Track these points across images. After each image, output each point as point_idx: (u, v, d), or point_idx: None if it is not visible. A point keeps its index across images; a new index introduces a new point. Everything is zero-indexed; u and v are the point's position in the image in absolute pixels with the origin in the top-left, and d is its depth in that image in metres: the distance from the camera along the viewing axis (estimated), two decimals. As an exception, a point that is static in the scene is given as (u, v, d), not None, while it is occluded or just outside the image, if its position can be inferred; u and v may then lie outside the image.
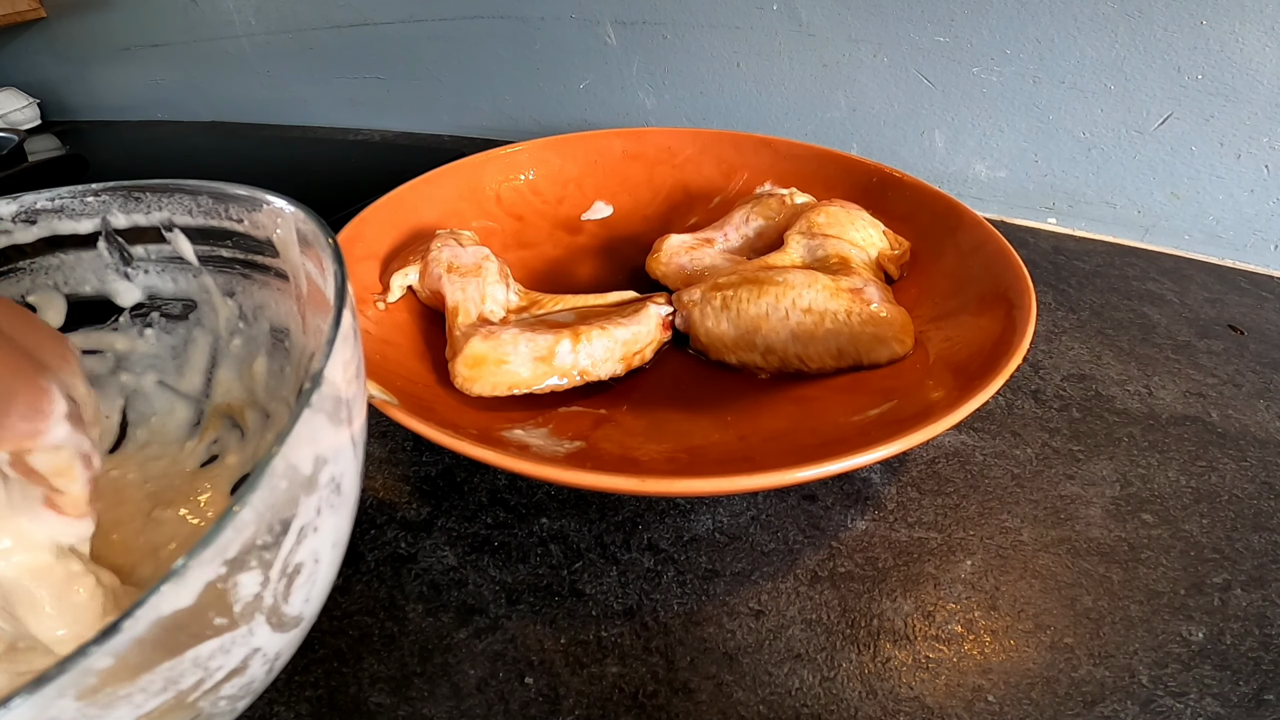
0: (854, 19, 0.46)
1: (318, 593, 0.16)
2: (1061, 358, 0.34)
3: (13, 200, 0.23)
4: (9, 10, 0.74)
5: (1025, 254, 0.31)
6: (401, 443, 0.30)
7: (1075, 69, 0.42)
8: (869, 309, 0.28)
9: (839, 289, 0.29)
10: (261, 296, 0.24)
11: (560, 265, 0.39)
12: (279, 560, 0.13)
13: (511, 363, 0.27)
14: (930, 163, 0.49)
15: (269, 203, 0.21)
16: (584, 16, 0.55)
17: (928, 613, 0.22)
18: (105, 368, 0.26)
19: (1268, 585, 0.23)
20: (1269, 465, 0.28)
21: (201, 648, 0.12)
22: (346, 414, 0.16)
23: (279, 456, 0.13)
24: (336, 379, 0.15)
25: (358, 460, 0.17)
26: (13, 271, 0.23)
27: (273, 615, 0.14)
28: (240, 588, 0.13)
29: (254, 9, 0.67)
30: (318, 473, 0.14)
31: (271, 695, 0.21)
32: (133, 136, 0.76)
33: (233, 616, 0.13)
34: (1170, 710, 0.20)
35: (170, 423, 0.26)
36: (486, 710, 0.20)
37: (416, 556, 0.25)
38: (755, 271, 0.30)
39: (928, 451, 0.28)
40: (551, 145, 0.43)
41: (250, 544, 0.12)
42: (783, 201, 0.36)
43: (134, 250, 0.24)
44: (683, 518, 0.26)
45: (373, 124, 0.70)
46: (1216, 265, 0.42)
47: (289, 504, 0.14)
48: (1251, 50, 0.37)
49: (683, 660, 0.21)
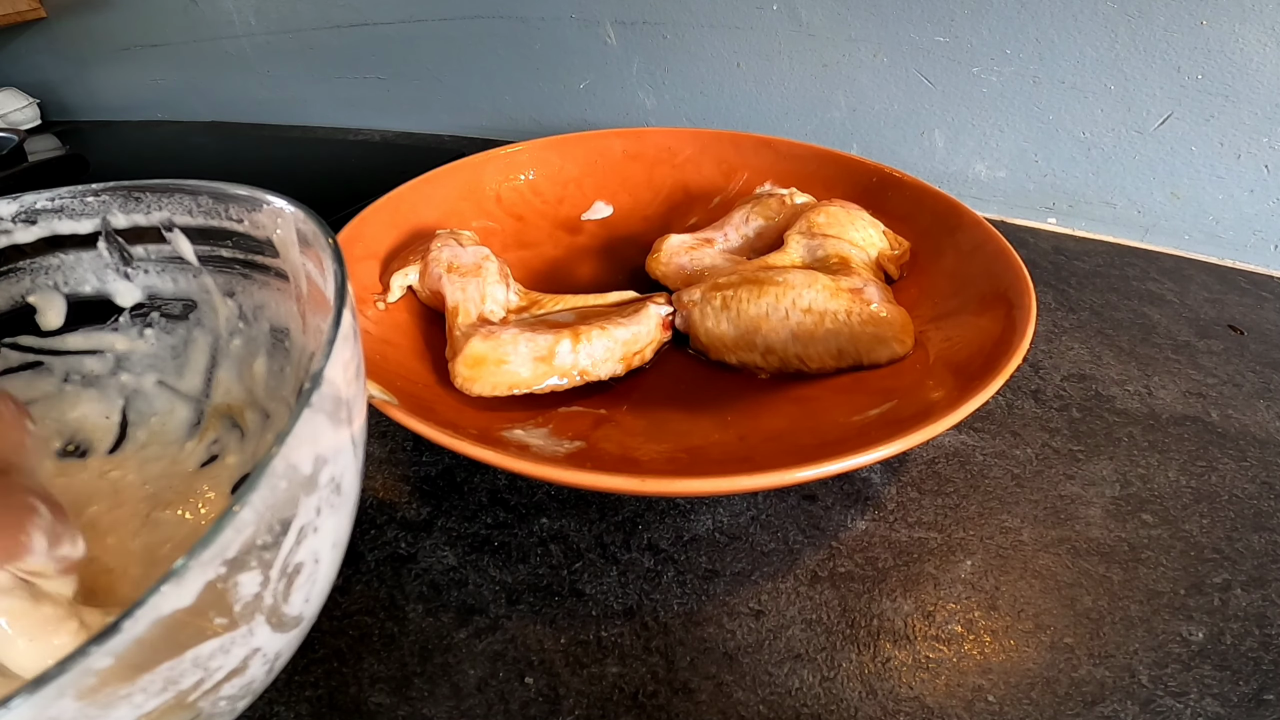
0: (854, 19, 0.46)
1: (318, 593, 0.16)
2: (1061, 358, 0.34)
3: (13, 200, 0.23)
4: (9, 10, 0.74)
5: (1025, 254, 0.31)
6: (401, 443, 0.30)
7: (1075, 69, 0.42)
8: (869, 309, 0.28)
9: (839, 289, 0.29)
10: (261, 296, 0.24)
11: (560, 265, 0.39)
12: (279, 560, 0.13)
13: (511, 363, 0.27)
14: (930, 163, 0.49)
15: (269, 203, 0.21)
16: (584, 16, 0.55)
17: (928, 613, 0.22)
18: (105, 368, 0.26)
19: (1268, 585, 0.23)
20: (1269, 465, 0.28)
21: (201, 648, 0.12)
22: (346, 414, 0.16)
23: (279, 456, 0.13)
24: (336, 379, 0.15)
25: (358, 460, 0.17)
26: (13, 271, 0.23)
27: (273, 615, 0.14)
28: (240, 588, 0.13)
29: (254, 9, 0.67)
30: (318, 473, 0.14)
31: (271, 695, 0.21)
32: (133, 136, 0.76)
33: (233, 616, 0.13)
34: (1170, 710, 0.20)
35: (170, 423, 0.26)
36: (486, 710, 0.20)
37: (416, 556, 0.25)
38: (755, 271, 0.30)
39: (928, 451, 0.28)
40: (551, 145, 0.43)
41: (250, 544, 0.12)
42: (783, 201, 0.36)
43: (134, 250, 0.24)
44: (683, 518, 0.26)
45: (373, 124, 0.70)
46: (1216, 265, 0.42)
47: (289, 504, 0.14)
48: (1251, 50, 0.37)
49: (683, 660, 0.21)
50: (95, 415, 0.25)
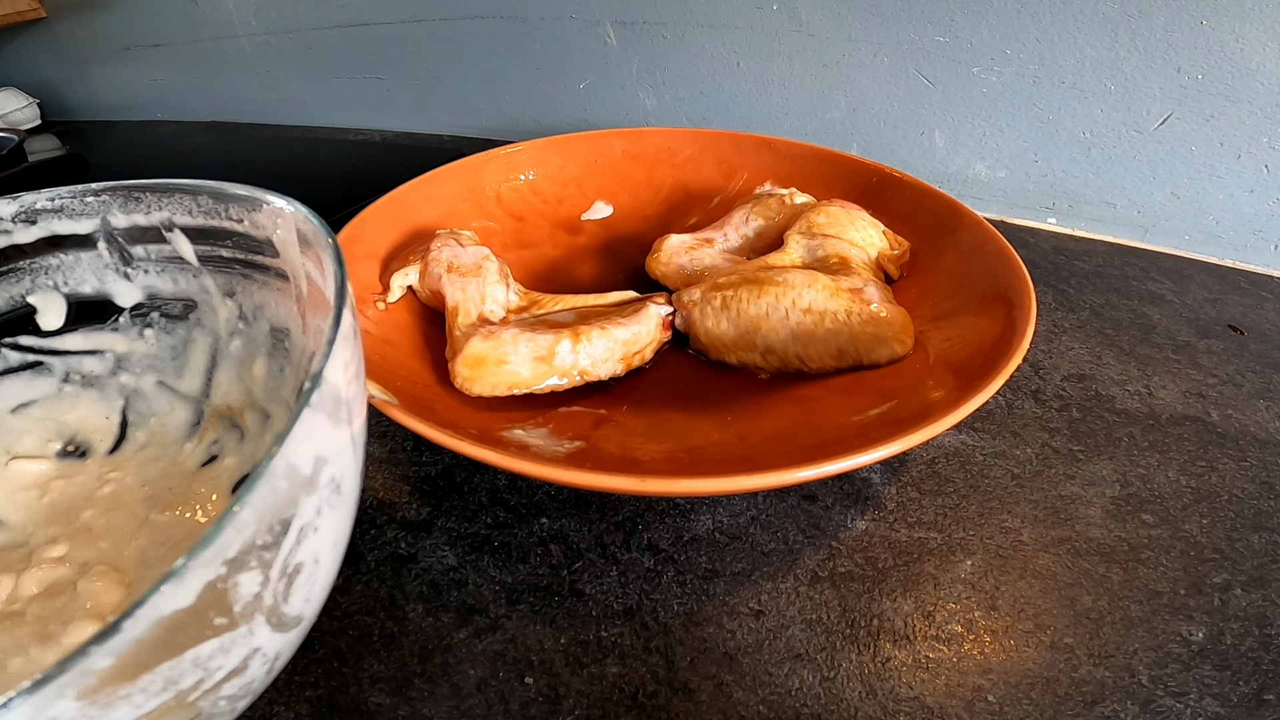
0: (854, 19, 0.46)
1: (318, 593, 0.16)
2: (1061, 358, 0.34)
3: (13, 200, 0.23)
4: (9, 10, 0.74)
5: (1025, 254, 0.31)
6: (401, 443, 0.30)
7: (1075, 69, 0.42)
8: (869, 309, 0.28)
9: (839, 289, 0.29)
10: (261, 297, 0.24)
11: (560, 265, 0.39)
12: (279, 560, 0.13)
13: (512, 363, 0.27)
14: (930, 163, 0.49)
15: (269, 203, 0.21)
16: (584, 16, 0.55)
17: (928, 613, 0.22)
18: (105, 368, 0.26)
19: (1268, 585, 0.23)
20: (1269, 465, 0.28)
21: (201, 648, 0.12)
22: (346, 414, 0.16)
23: (279, 456, 0.13)
24: (337, 379, 0.15)
25: (358, 460, 0.17)
26: (13, 271, 0.23)
27: (273, 615, 0.14)
28: (240, 588, 0.13)
29: (254, 9, 0.67)
30: (318, 473, 0.14)
31: (271, 695, 0.21)
32: (133, 136, 0.76)
33: (233, 616, 0.13)
34: (1170, 710, 0.20)
35: (170, 424, 0.26)
36: (486, 710, 0.20)
37: (416, 556, 0.25)
38: (755, 271, 0.30)
39: (928, 451, 0.28)
40: (551, 145, 0.43)
41: (250, 544, 0.12)
42: (782, 201, 0.36)
43: (134, 250, 0.24)
44: (683, 518, 0.26)
45: (373, 124, 0.70)
46: (1216, 265, 0.42)
47: (289, 504, 0.14)
48: (1251, 50, 0.37)
49: (683, 660, 0.21)
50: (95, 416, 0.25)
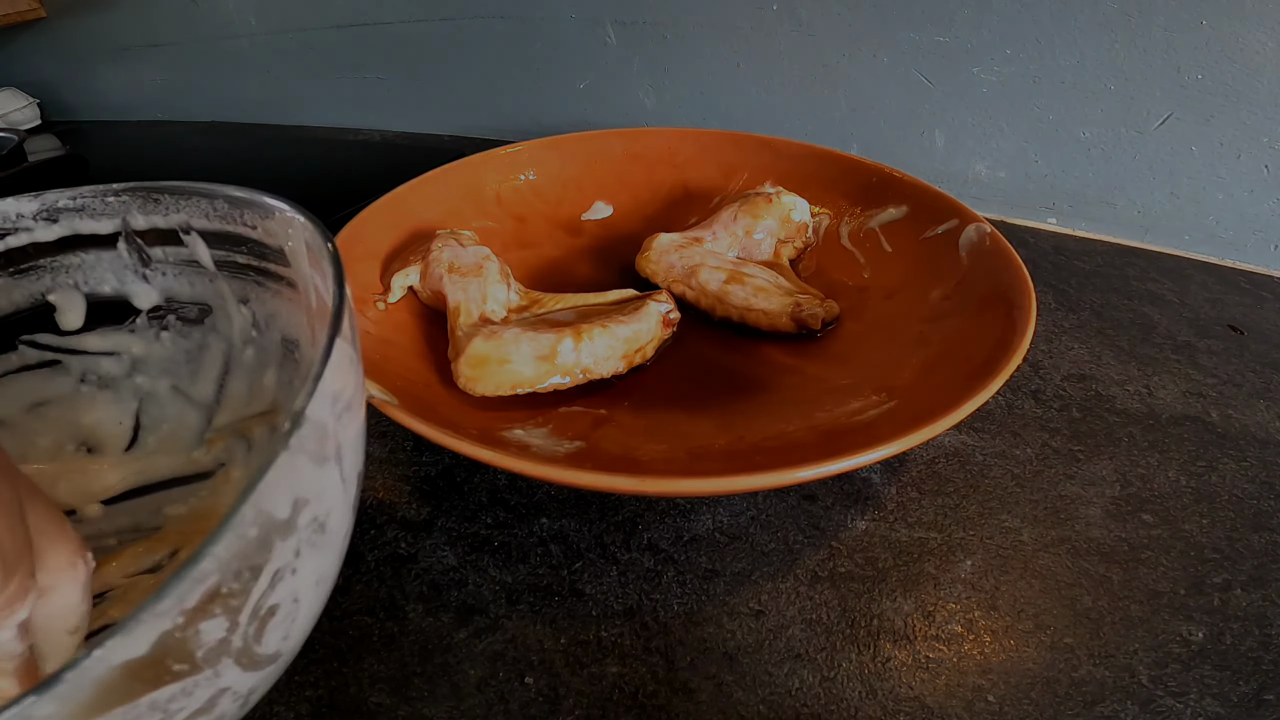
0: (854, 19, 0.46)
1: (298, 629, 0.15)
2: (1061, 358, 0.34)
3: (35, 198, 0.23)
4: (9, 10, 0.74)
5: (1025, 254, 0.30)
6: (401, 443, 0.30)
7: (1075, 69, 0.42)
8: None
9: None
10: (274, 305, 0.24)
11: (560, 265, 0.39)
12: (249, 605, 0.13)
13: (514, 362, 0.27)
14: (930, 163, 0.49)
15: (281, 210, 0.21)
16: (584, 16, 0.55)
17: (928, 613, 0.22)
18: (121, 370, 0.25)
19: (1268, 585, 0.23)
20: (1269, 465, 0.28)
21: (159, 693, 0.12)
22: (335, 450, 0.15)
23: (248, 504, 0.12)
24: (323, 416, 0.14)
25: (348, 495, 0.16)
26: (34, 269, 0.23)
27: (243, 656, 0.13)
28: (203, 634, 0.12)
29: (254, 9, 0.67)
30: (296, 515, 0.14)
31: (271, 695, 0.21)
32: (133, 136, 0.76)
33: (194, 662, 0.12)
34: (1170, 710, 0.20)
35: (180, 430, 0.25)
36: (486, 710, 0.20)
37: (416, 556, 0.25)
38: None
39: (928, 451, 0.28)
40: (551, 145, 0.43)
41: (214, 592, 0.12)
42: (769, 200, 0.36)
43: (152, 252, 0.24)
44: (683, 518, 0.26)
45: (373, 124, 0.70)
46: (1216, 265, 0.42)
47: (261, 550, 0.13)
48: (1251, 50, 0.37)
49: (683, 660, 0.21)
50: (109, 421, 0.25)
